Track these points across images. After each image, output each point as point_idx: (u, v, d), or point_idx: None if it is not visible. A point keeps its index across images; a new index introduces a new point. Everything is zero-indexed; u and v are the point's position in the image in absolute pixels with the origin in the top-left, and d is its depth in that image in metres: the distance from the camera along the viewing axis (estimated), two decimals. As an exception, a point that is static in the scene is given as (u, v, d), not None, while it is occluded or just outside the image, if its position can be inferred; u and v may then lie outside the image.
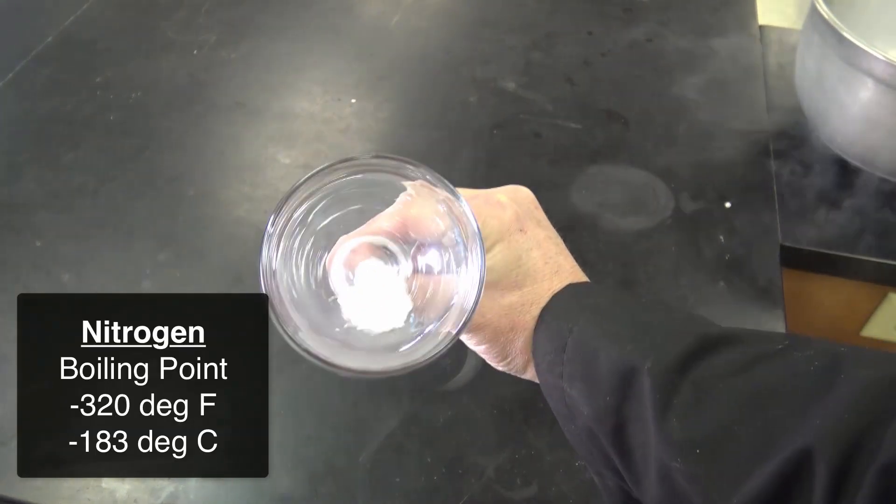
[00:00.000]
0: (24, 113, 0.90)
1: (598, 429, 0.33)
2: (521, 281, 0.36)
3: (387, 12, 1.07)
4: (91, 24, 1.04)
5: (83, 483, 0.56)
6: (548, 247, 0.37)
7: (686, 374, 0.31)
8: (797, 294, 0.81)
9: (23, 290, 0.70)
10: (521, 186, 0.39)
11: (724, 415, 0.30)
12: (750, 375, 0.30)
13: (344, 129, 0.88)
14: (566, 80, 0.95)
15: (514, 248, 0.36)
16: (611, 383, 0.32)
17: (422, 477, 0.57)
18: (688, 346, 0.32)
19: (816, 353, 0.30)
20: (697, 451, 0.29)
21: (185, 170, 0.83)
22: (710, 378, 0.31)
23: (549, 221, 0.39)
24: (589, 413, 0.33)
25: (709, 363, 0.31)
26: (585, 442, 0.35)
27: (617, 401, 0.32)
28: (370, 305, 0.34)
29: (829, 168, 0.83)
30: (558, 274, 0.37)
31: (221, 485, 0.57)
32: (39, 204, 0.78)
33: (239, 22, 1.04)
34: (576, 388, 0.34)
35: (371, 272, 0.35)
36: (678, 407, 0.30)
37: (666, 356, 0.31)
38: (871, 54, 0.71)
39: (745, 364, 0.31)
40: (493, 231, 0.36)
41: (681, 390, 0.31)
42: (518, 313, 0.36)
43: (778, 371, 0.30)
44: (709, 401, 0.30)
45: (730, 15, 1.06)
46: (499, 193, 0.37)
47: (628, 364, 0.32)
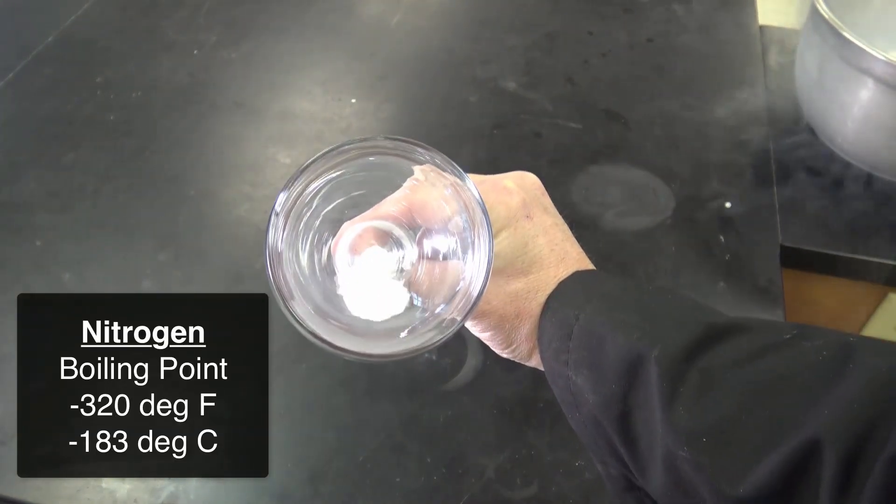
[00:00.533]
0: (24, 113, 0.90)
1: (603, 416, 0.33)
2: (526, 268, 0.36)
3: (387, 12, 1.07)
4: (91, 24, 1.04)
5: (83, 483, 0.56)
6: (554, 234, 0.37)
7: (693, 363, 0.31)
8: (797, 294, 0.81)
9: (23, 290, 0.70)
10: (527, 173, 0.39)
11: (732, 404, 0.29)
12: (758, 364, 0.30)
13: (344, 129, 0.88)
14: (566, 79, 0.95)
15: (521, 234, 0.36)
16: (617, 371, 0.32)
17: (422, 477, 0.57)
18: (695, 334, 0.31)
19: (826, 343, 0.30)
20: (704, 439, 0.29)
21: (186, 170, 0.83)
22: (717, 367, 0.30)
23: (555, 208, 0.39)
24: (594, 400, 0.33)
25: (716, 352, 0.31)
26: (590, 430, 0.35)
27: (623, 388, 0.32)
28: (370, 294, 0.34)
29: (829, 168, 0.83)
30: (564, 261, 0.37)
31: (221, 485, 0.57)
32: (39, 204, 0.78)
33: (239, 22, 1.04)
34: (581, 376, 0.34)
35: (372, 260, 0.35)
36: (685, 395, 0.30)
37: (673, 344, 0.31)
38: (871, 54, 0.71)
39: (752, 353, 0.31)
40: (500, 217, 0.35)
41: (688, 379, 0.30)
42: (524, 300, 0.36)
43: (787, 360, 0.30)
44: (716, 389, 0.30)
45: (730, 15, 1.06)
46: (506, 179, 0.37)
47: (635, 352, 0.32)
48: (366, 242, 0.35)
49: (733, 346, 0.31)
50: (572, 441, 0.59)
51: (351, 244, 0.35)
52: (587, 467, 0.58)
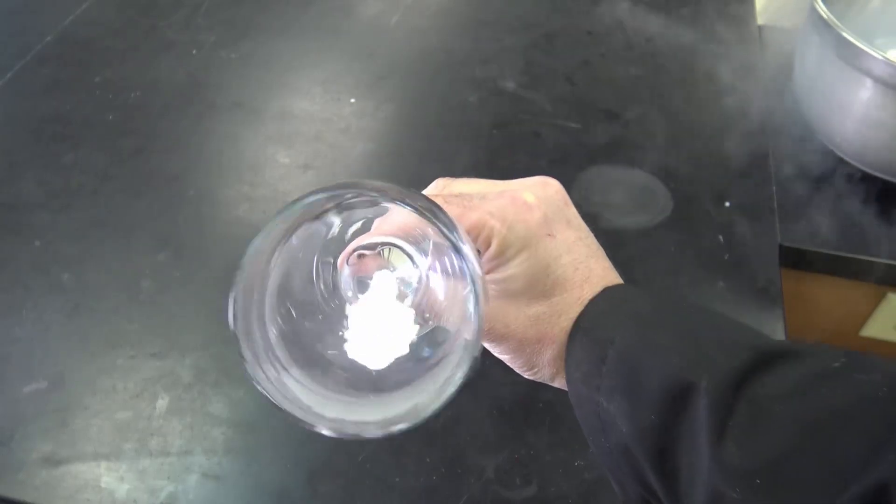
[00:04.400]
0: (23, 112, 0.90)
1: (637, 447, 0.31)
2: (549, 290, 0.34)
3: (386, 12, 1.06)
4: (90, 24, 1.04)
5: (82, 483, 0.56)
6: (578, 250, 0.35)
7: (741, 393, 0.29)
8: (796, 294, 0.81)
9: (23, 291, 0.70)
10: (549, 179, 0.36)
11: (786, 441, 0.27)
12: (811, 397, 0.28)
13: (343, 129, 0.88)
14: (566, 79, 0.95)
15: (543, 255, 0.34)
16: (658, 401, 0.30)
17: (422, 477, 0.57)
18: (743, 361, 0.29)
19: (884, 377, 0.28)
20: (757, 480, 0.27)
21: (185, 170, 0.83)
22: (766, 398, 0.28)
23: (580, 218, 0.36)
24: (629, 430, 0.31)
25: (765, 381, 0.29)
26: (616, 457, 0.33)
27: (663, 420, 0.30)
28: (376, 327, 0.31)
29: (828, 168, 0.83)
30: (589, 280, 0.35)
31: (221, 485, 0.57)
32: (38, 204, 0.78)
33: (238, 22, 1.04)
34: (615, 403, 0.32)
35: (380, 282, 0.32)
36: (734, 429, 0.28)
37: (721, 373, 0.29)
38: (870, 54, 0.71)
39: (803, 383, 0.29)
40: (520, 237, 0.33)
41: (736, 411, 0.28)
42: (546, 324, 0.34)
43: (842, 394, 0.28)
44: (768, 424, 0.28)
45: (729, 15, 1.06)
46: (526, 191, 0.34)
47: (679, 381, 0.30)
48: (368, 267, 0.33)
49: (781, 375, 0.29)
50: (572, 441, 0.59)
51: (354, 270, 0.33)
52: (587, 467, 0.58)
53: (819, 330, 0.90)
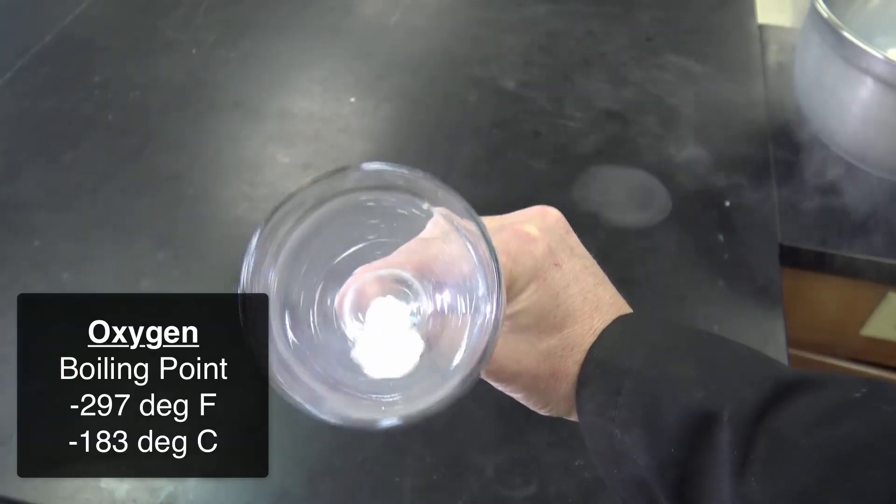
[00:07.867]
0: (22, 112, 0.90)
1: (655, 480, 0.30)
2: (560, 322, 0.33)
3: (386, 11, 1.06)
4: (90, 23, 1.04)
5: (82, 483, 0.56)
6: (585, 280, 0.34)
7: (762, 426, 0.28)
8: (796, 293, 0.81)
9: (22, 290, 0.70)
10: (548, 208, 0.35)
11: (809, 475, 0.27)
12: (833, 429, 0.28)
13: (343, 129, 0.88)
14: (566, 79, 0.95)
15: (551, 286, 0.33)
16: (677, 434, 0.30)
17: (422, 477, 0.57)
18: (764, 393, 0.29)
19: None
20: None
21: (184, 169, 0.83)
22: (787, 430, 0.28)
23: (582, 246, 0.36)
24: (647, 463, 0.30)
25: (786, 413, 0.28)
26: (630, 488, 0.32)
27: (683, 453, 0.30)
28: (380, 347, 0.32)
29: (829, 167, 0.83)
30: (598, 310, 0.34)
31: (221, 485, 0.56)
32: (38, 203, 0.78)
33: (238, 21, 1.04)
34: (631, 435, 0.31)
35: (386, 309, 0.32)
36: (756, 463, 0.27)
37: (742, 405, 0.29)
38: (870, 53, 0.71)
39: (825, 415, 0.28)
40: (527, 270, 0.32)
41: (758, 444, 0.28)
42: (558, 358, 0.33)
43: (866, 427, 0.28)
44: (789, 457, 0.27)
45: (729, 14, 1.06)
46: (527, 224, 0.34)
47: (699, 413, 0.29)
48: (376, 292, 0.32)
49: (803, 406, 0.29)
50: (571, 441, 0.59)
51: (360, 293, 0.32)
52: (586, 467, 0.58)
53: (819, 330, 0.90)
